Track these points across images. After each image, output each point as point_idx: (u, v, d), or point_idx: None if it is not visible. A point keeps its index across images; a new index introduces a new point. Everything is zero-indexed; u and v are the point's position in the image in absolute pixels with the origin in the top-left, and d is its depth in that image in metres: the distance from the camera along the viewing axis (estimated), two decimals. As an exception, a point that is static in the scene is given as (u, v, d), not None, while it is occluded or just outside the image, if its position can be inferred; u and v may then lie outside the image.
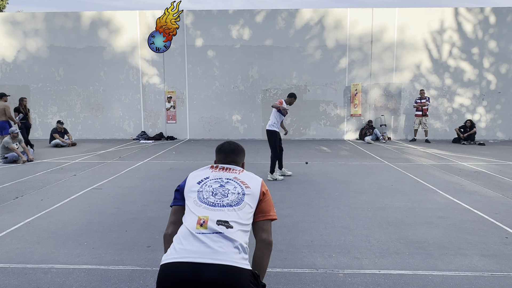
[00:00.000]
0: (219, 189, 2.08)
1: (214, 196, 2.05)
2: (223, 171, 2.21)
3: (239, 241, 1.88)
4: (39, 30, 14.95)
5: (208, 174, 2.20)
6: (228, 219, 1.94)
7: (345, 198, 6.19)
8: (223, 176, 2.16)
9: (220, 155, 2.32)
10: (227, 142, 2.35)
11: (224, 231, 1.87)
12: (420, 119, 14.04)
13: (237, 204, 2.01)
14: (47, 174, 8.13)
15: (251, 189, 2.10)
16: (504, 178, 7.67)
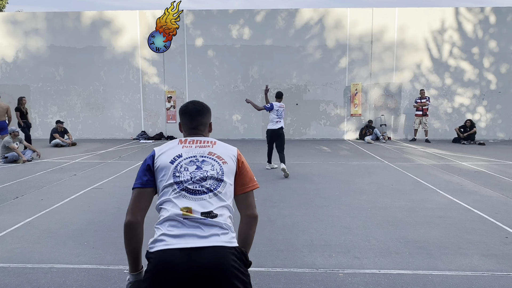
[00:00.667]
0: (197, 172, 1.92)
1: (192, 181, 1.90)
2: (195, 145, 2.03)
3: (223, 222, 1.85)
4: (39, 30, 14.95)
5: (179, 150, 1.99)
6: (212, 207, 1.86)
7: (345, 197, 6.19)
8: (197, 154, 1.98)
9: (185, 118, 2.14)
10: (190, 102, 2.18)
11: (209, 221, 1.82)
12: (420, 118, 14.04)
13: (218, 186, 1.92)
14: (47, 173, 8.13)
15: (228, 164, 1.99)
16: (504, 178, 7.67)
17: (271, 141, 8.36)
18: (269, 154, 8.65)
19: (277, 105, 8.29)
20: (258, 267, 3.66)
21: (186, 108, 2.14)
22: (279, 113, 8.24)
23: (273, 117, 8.23)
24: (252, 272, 3.55)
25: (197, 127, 2.13)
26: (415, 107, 14.10)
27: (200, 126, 2.13)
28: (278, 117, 8.22)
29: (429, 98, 14.01)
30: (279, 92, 8.54)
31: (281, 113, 8.26)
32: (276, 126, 8.18)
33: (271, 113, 8.26)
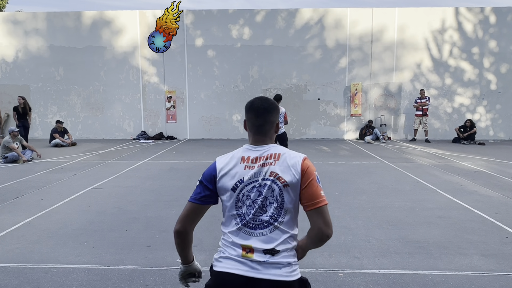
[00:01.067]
0: (258, 201, 1.83)
1: (254, 215, 1.83)
2: (257, 164, 1.86)
3: (285, 261, 1.84)
4: (39, 30, 14.95)
5: (242, 173, 1.86)
6: (274, 243, 1.82)
7: (345, 197, 6.19)
8: (259, 177, 1.83)
9: (251, 114, 1.95)
10: (258, 98, 2.00)
11: (270, 261, 1.80)
12: (420, 118, 14.03)
13: (279, 217, 1.84)
14: (47, 173, 8.13)
15: (289, 186, 1.82)
16: (504, 178, 7.66)
17: None
18: None
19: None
20: (258, 267, 3.66)
21: (252, 104, 1.96)
22: None
23: None
24: (252, 272, 3.56)
25: (263, 125, 1.94)
26: (415, 107, 14.09)
27: (266, 125, 1.94)
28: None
29: (429, 98, 14.00)
30: (276, 95, 8.43)
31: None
32: None
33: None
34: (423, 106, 13.90)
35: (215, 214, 5.27)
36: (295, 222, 1.95)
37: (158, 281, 3.40)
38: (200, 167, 8.93)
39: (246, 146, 1.95)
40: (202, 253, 3.98)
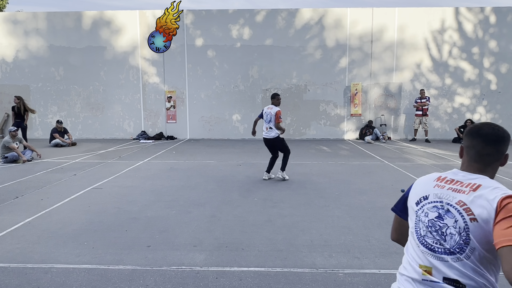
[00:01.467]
0: (436, 224, 1.60)
1: (431, 234, 1.61)
2: (448, 185, 1.63)
3: None
4: (39, 30, 14.95)
5: (429, 189, 1.67)
6: (457, 276, 1.54)
7: (345, 197, 6.19)
8: (444, 198, 1.60)
9: (475, 141, 1.64)
10: (487, 124, 1.66)
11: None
12: (420, 118, 14.03)
13: (461, 251, 1.52)
14: (47, 173, 8.13)
15: (477, 221, 1.48)
16: (504, 178, 7.67)
17: (268, 149, 7.66)
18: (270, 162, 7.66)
19: (264, 109, 7.54)
20: (258, 267, 3.66)
21: (480, 129, 1.64)
22: (265, 117, 7.37)
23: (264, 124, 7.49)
24: (252, 272, 3.56)
25: (486, 157, 1.62)
26: (415, 107, 14.09)
27: (490, 157, 1.62)
28: (265, 122, 7.38)
29: (429, 98, 14.00)
30: (272, 94, 7.67)
31: (267, 116, 7.33)
32: (265, 134, 7.42)
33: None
34: (423, 106, 13.90)
35: (215, 214, 5.28)
36: (489, 267, 1.65)
37: (158, 281, 3.40)
38: (200, 167, 8.93)
39: (454, 170, 1.71)
40: (202, 253, 3.98)
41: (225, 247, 4.15)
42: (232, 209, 5.54)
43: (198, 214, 5.34)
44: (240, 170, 8.56)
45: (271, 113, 7.26)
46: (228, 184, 7.15)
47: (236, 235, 4.51)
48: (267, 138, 7.41)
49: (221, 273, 3.55)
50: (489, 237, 1.46)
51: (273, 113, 7.25)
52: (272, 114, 7.25)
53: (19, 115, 11.97)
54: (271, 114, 7.26)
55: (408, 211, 1.77)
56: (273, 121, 7.25)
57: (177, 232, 4.64)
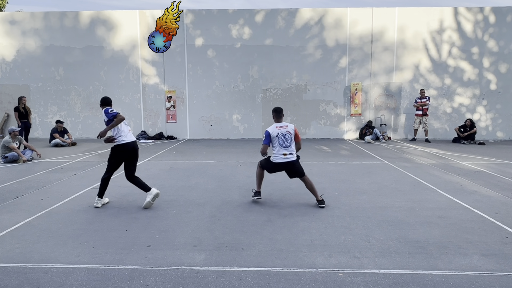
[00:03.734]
0: (285, 137, 5.71)
1: (283, 141, 5.68)
2: (281, 128, 5.76)
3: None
4: (39, 30, 14.95)
5: (276, 130, 5.75)
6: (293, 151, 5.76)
7: (345, 197, 6.19)
8: (283, 130, 5.75)
9: (276, 113, 5.91)
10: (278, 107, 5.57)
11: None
12: (420, 118, 14.03)
13: (292, 144, 5.75)
14: (47, 173, 8.13)
15: (292, 133, 5.74)
16: (504, 177, 7.66)
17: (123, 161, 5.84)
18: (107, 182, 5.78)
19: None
20: (258, 267, 3.66)
21: (277, 108, 5.75)
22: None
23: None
24: (252, 272, 3.56)
25: (282, 117, 5.92)
26: (415, 106, 14.09)
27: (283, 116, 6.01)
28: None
29: (429, 97, 14.00)
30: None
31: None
32: (131, 138, 5.90)
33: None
34: (423, 106, 13.89)
35: (215, 214, 5.28)
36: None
37: (158, 281, 3.40)
38: (200, 167, 8.93)
39: (282, 123, 5.87)
40: (202, 253, 3.98)
41: (225, 247, 4.15)
42: (232, 209, 5.54)
43: (198, 214, 5.35)
44: (240, 170, 8.56)
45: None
46: (228, 184, 7.15)
47: (236, 235, 4.51)
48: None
49: (221, 273, 3.55)
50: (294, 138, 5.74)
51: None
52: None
53: (24, 116, 11.98)
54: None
55: (272, 140, 5.71)
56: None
57: (177, 232, 4.64)
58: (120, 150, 5.79)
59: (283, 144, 5.69)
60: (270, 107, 14.95)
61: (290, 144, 5.72)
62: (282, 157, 5.70)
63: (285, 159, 5.70)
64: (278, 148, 5.71)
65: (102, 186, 5.73)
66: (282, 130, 5.71)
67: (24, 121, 11.92)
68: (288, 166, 5.77)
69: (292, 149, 5.73)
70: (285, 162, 5.73)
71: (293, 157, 5.74)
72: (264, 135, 5.78)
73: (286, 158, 5.70)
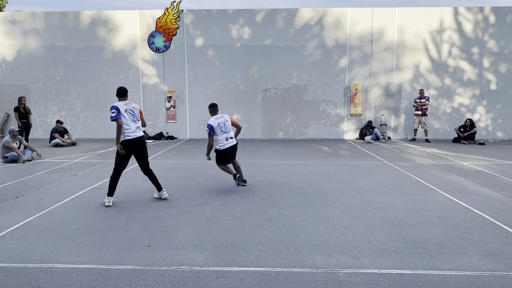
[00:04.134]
0: (225, 125, 6.91)
1: (224, 128, 6.84)
2: (221, 119, 6.92)
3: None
4: (39, 30, 14.95)
5: (217, 121, 6.92)
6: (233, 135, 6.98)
7: (345, 197, 6.19)
8: (223, 120, 6.92)
9: (212, 108, 7.18)
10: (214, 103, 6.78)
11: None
12: (419, 118, 14.03)
13: (230, 129, 6.92)
14: (47, 173, 8.13)
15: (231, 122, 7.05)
16: (504, 177, 7.67)
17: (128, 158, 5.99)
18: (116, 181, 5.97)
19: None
20: (258, 267, 3.66)
21: (212, 104, 7.29)
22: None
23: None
24: (252, 272, 3.56)
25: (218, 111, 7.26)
26: (414, 107, 14.09)
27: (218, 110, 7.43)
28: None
29: (428, 98, 14.00)
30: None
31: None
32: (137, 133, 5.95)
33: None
34: (422, 106, 13.90)
35: (215, 214, 5.29)
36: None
37: (158, 281, 3.40)
38: (200, 167, 8.93)
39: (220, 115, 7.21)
40: (202, 253, 3.99)
41: (225, 247, 4.15)
42: (232, 209, 5.54)
43: (198, 214, 5.35)
44: (240, 170, 8.55)
45: (136, 108, 6.24)
46: (228, 184, 7.15)
47: (236, 235, 4.51)
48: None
49: (221, 273, 3.55)
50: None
51: (137, 107, 6.29)
52: (137, 108, 6.25)
53: (24, 116, 11.96)
54: (136, 109, 6.20)
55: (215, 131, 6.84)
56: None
57: (177, 232, 4.64)
58: (124, 147, 5.80)
59: (224, 130, 6.92)
60: (270, 107, 14.96)
61: (229, 130, 6.98)
62: (225, 142, 6.91)
63: (228, 143, 6.91)
64: (221, 135, 6.90)
65: (111, 185, 5.82)
66: (221, 120, 6.98)
67: (24, 121, 11.91)
68: (233, 150, 6.97)
69: (232, 134, 7.00)
70: (230, 146, 6.92)
71: (234, 141, 7.02)
72: (208, 129, 6.96)
73: (229, 142, 6.92)
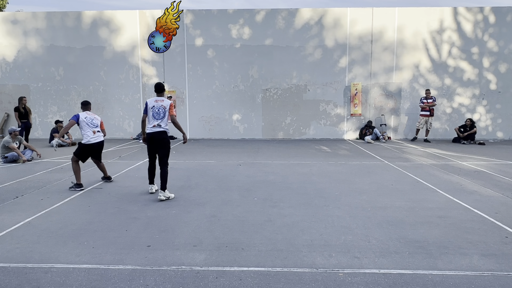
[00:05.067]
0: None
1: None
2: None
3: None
4: (39, 30, 14.95)
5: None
6: (164, 126, 6.30)
7: (345, 197, 6.19)
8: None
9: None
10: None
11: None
12: (426, 119, 13.86)
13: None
14: (47, 173, 8.13)
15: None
16: (504, 177, 7.67)
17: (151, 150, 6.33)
18: (150, 170, 6.53)
19: (151, 100, 6.29)
20: (258, 267, 3.66)
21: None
22: (156, 111, 6.18)
23: (150, 119, 6.24)
24: (252, 272, 3.56)
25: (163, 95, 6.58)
26: (422, 107, 13.85)
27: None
28: (154, 118, 6.18)
29: (435, 98, 13.88)
30: (157, 84, 6.42)
31: (158, 111, 6.19)
32: (154, 129, 6.13)
33: (148, 115, 6.27)
34: (430, 106, 13.69)
35: (215, 214, 5.29)
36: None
37: (158, 281, 3.40)
38: (200, 167, 8.93)
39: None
40: (202, 253, 3.99)
41: (225, 247, 4.15)
42: (232, 209, 5.54)
43: (198, 214, 5.35)
44: (240, 170, 8.56)
45: (164, 108, 6.20)
46: (228, 184, 7.15)
47: (236, 235, 4.51)
48: (155, 132, 6.20)
49: (221, 273, 3.56)
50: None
51: (167, 106, 6.23)
52: (166, 107, 6.21)
53: (24, 116, 11.95)
54: (164, 108, 6.19)
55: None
56: (167, 116, 6.23)
57: (177, 232, 4.64)
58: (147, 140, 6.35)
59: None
60: (270, 107, 14.96)
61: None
62: (92, 135, 6.82)
63: (95, 137, 6.84)
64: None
65: (149, 175, 6.64)
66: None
67: (24, 121, 11.90)
68: (98, 147, 6.94)
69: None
70: (96, 142, 6.88)
71: (102, 137, 7.00)
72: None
73: (96, 137, 6.85)
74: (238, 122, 15.09)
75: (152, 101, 6.28)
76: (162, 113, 6.20)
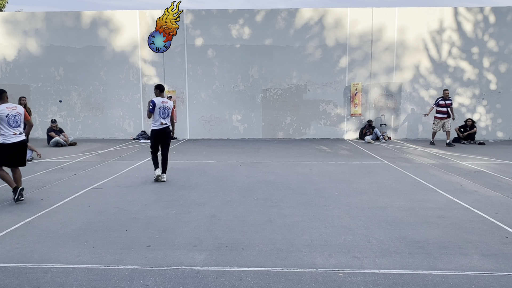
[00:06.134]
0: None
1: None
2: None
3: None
4: (39, 30, 14.95)
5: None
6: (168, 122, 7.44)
7: (345, 197, 6.19)
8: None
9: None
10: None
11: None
12: (444, 121, 12.82)
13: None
14: (47, 173, 8.13)
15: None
16: (504, 177, 7.67)
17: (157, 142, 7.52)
18: (156, 158, 7.61)
19: (158, 101, 7.32)
20: (258, 267, 3.66)
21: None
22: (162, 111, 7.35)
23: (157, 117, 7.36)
24: (252, 272, 3.56)
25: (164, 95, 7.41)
26: (438, 111, 12.83)
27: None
28: (161, 117, 7.35)
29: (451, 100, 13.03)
30: (158, 85, 7.57)
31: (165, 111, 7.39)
32: (161, 126, 7.40)
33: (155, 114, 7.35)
34: (448, 107, 12.73)
35: (215, 214, 5.29)
36: None
37: (158, 281, 3.40)
38: (200, 167, 8.93)
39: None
40: (202, 253, 3.99)
41: (225, 247, 4.15)
42: (232, 209, 5.54)
43: (198, 214, 5.35)
44: (240, 170, 8.56)
45: (169, 107, 7.42)
46: (228, 184, 7.15)
47: (236, 235, 4.51)
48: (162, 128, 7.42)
49: (221, 273, 3.56)
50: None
51: (171, 107, 7.49)
52: (170, 108, 7.45)
53: None
54: (169, 108, 7.42)
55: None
56: (170, 115, 7.50)
57: (177, 232, 4.64)
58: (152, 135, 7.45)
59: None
60: (270, 107, 14.96)
61: (20, 124, 6.37)
62: (12, 135, 6.32)
63: (14, 138, 6.35)
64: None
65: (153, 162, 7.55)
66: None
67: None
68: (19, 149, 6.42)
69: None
70: (17, 141, 6.33)
71: (24, 137, 6.45)
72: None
73: (16, 137, 6.37)
74: (238, 122, 15.09)
75: (159, 102, 7.29)
76: (167, 113, 7.40)
